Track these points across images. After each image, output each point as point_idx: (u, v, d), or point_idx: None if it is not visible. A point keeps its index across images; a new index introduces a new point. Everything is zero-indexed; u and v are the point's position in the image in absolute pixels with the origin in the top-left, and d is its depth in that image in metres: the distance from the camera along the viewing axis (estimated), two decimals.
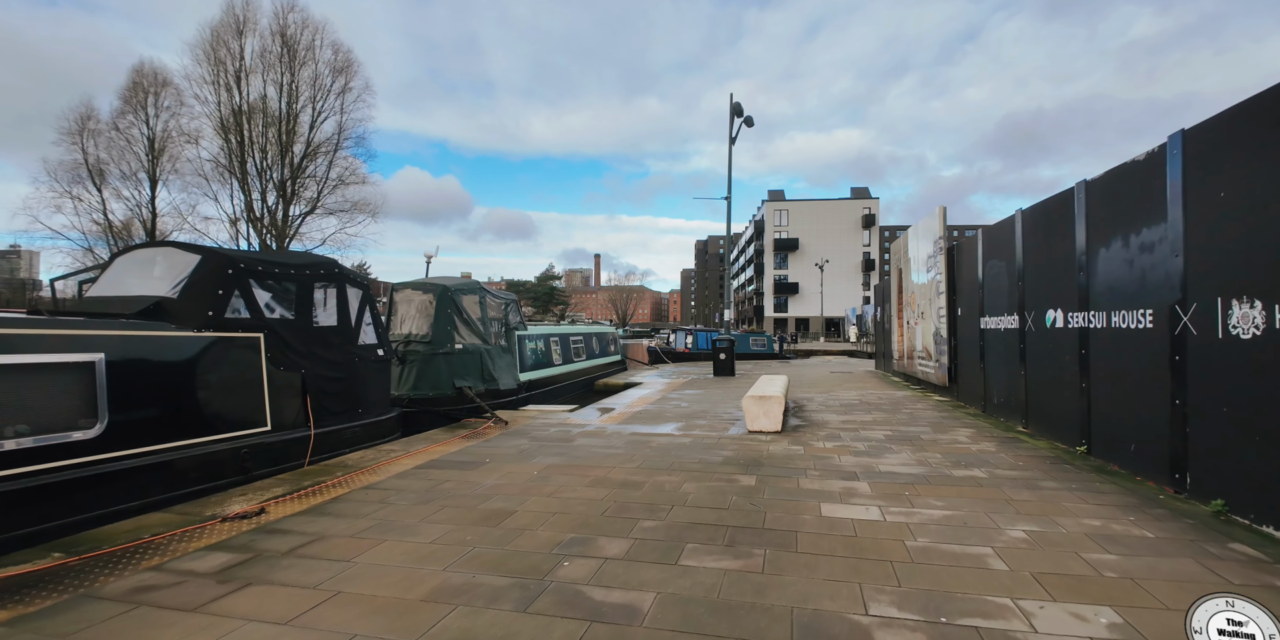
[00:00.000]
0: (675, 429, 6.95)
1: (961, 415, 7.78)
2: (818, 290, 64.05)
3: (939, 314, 9.54)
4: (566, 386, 12.62)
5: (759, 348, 24.58)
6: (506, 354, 9.85)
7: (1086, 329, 5.27)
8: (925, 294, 10.35)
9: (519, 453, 5.65)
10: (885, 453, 5.49)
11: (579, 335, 13.87)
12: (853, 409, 8.53)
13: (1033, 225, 6.32)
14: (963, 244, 8.81)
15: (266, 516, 3.93)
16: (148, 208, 33.76)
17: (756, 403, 6.65)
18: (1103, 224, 5.03)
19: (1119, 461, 4.85)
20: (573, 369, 13.04)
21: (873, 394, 10.42)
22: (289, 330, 5.58)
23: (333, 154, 34.62)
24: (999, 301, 7.27)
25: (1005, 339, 7.06)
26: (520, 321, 10.59)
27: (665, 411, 8.51)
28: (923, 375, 10.72)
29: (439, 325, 8.51)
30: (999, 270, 7.27)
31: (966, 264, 8.57)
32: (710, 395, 10.53)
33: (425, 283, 8.90)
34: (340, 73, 33.27)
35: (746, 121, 15.76)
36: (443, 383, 8.40)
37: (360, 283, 6.74)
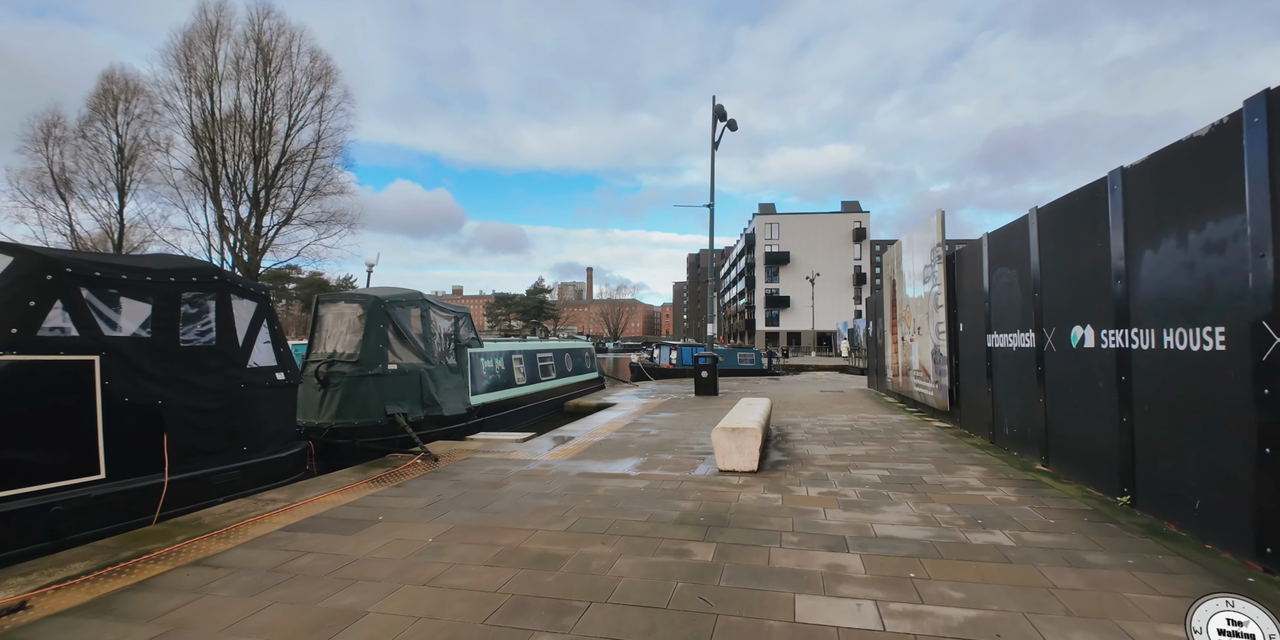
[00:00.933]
0: (633, 467, 5.86)
1: (967, 447, 6.73)
2: (809, 304, 63.31)
3: (938, 330, 8.54)
4: (532, 409, 11.50)
5: (747, 364, 23.53)
6: (455, 375, 8.74)
7: (1127, 350, 4.26)
8: (922, 308, 9.36)
9: (426, 506, 4.54)
10: (882, 503, 4.42)
11: (547, 352, 12.77)
12: (843, 438, 7.47)
13: (1051, 226, 5.34)
14: (965, 251, 7.84)
15: (25, 615, 2.81)
16: (116, 218, 32.60)
17: (729, 436, 5.58)
18: (1148, 220, 4.04)
19: (1177, 519, 3.81)
20: (539, 389, 11.93)
21: (865, 418, 9.37)
22: (141, 351, 4.48)
23: (310, 163, 33.65)
24: (1009, 316, 6.27)
25: (1018, 360, 6.05)
26: (473, 338, 9.50)
27: (630, 441, 7.42)
28: (920, 397, 9.70)
29: (369, 343, 7.42)
30: (1009, 280, 6.28)
31: (969, 274, 7.60)
32: (686, 420, 9.45)
33: (354, 294, 7.82)
34: (318, 80, 32.42)
35: (730, 125, 14.90)
36: (371, 409, 7.28)
37: (255, 292, 5.66)
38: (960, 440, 7.19)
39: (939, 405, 8.66)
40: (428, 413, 7.92)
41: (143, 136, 31.26)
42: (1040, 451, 5.64)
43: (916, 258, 9.54)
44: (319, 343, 7.61)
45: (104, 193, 32.34)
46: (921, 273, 9.25)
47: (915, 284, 9.70)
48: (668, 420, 9.44)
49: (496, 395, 9.97)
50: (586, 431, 8.29)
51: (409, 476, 5.59)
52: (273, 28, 30.84)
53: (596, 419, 9.64)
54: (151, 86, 30.14)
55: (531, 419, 11.22)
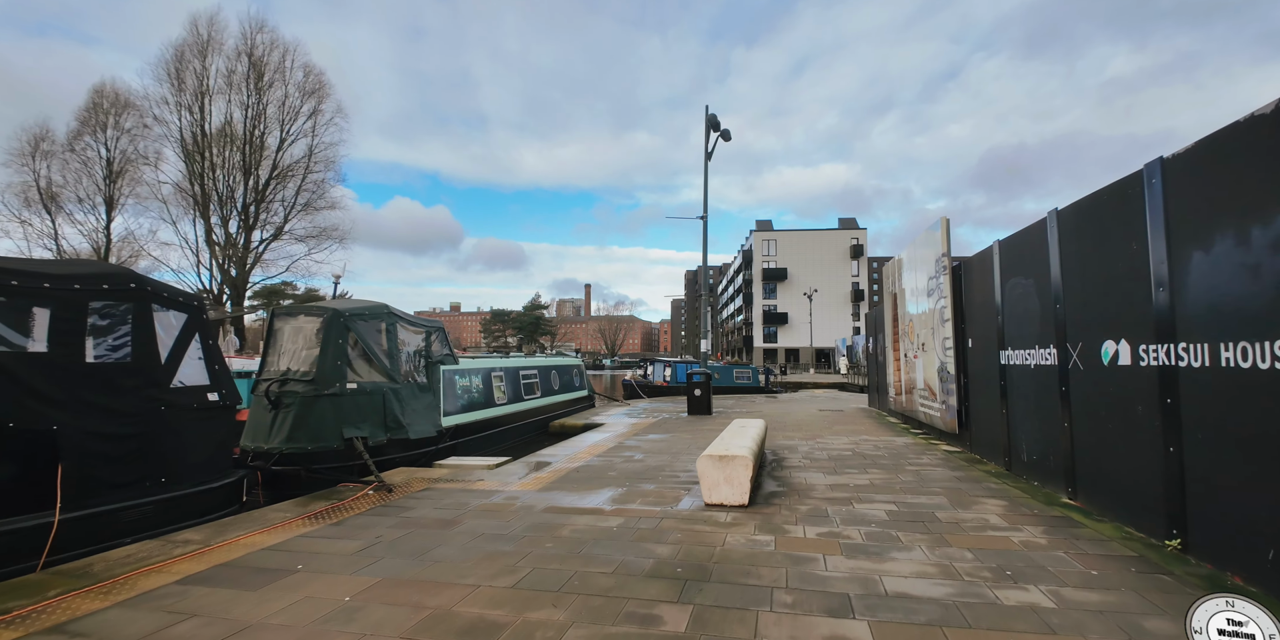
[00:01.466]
0: (609, 500, 5.21)
1: (981, 475, 6.09)
2: (807, 320, 62.83)
3: (944, 346, 7.96)
4: (514, 430, 10.83)
5: (743, 381, 22.87)
6: (424, 394, 8.10)
7: (1172, 368, 3.67)
8: (926, 323, 8.79)
9: (359, 551, 3.89)
10: (892, 548, 3.79)
11: (531, 369, 12.13)
12: (844, 464, 6.82)
13: (1074, 229, 4.79)
14: (973, 261, 7.30)
15: None
16: (103, 233, 32.13)
17: (716, 465, 4.95)
18: (1197, 216, 3.49)
19: (1243, 571, 3.18)
20: (522, 408, 11.27)
21: (868, 441, 8.72)
22: (33, 368, 3.87)
23: (302, 178, 33.35)
24: (1026, 330, 5.69)
25: (1038, 378, 5.45)
26: (447, 354, 8.89)
27: (611, 467, 6.77)
28: (925, 417, 9.07)
29: (326, 359, 6.80)
30: (1024, 291, 5.72)
31: (978, 285, 7.04)
32: (676, 442, 8.80)
33: (312, 306, 7.23)
34: (311, 94, 32.26)
35: (723, 136, 14.49)
36: (327, 432, 6.64)
37: (185, 303, 5.06)
38: (972, 467, 6.55)
39: (946, 427, 8.03)
40: (391, 436, 7.28)
41: (132, 151, 30.94)
42: (1066, 482, 5.01)
43: (919, 270, 9.00)
44: (273, 359, 7.00)
45: (91, 207, 31.93)
46: (925, 286, 8.69)
47: (918, 298, 9.15)
48: (655, 443, 8.79)
49: (473, 416, 9.31)
50: (566, 456, 7.63)
51: (354, 511, 4.94)
52: (265, 42, 30.78)
53: (579, 441, 8.98)
54: (141, 100, 29.92)
55: (512, 441, 10.55)
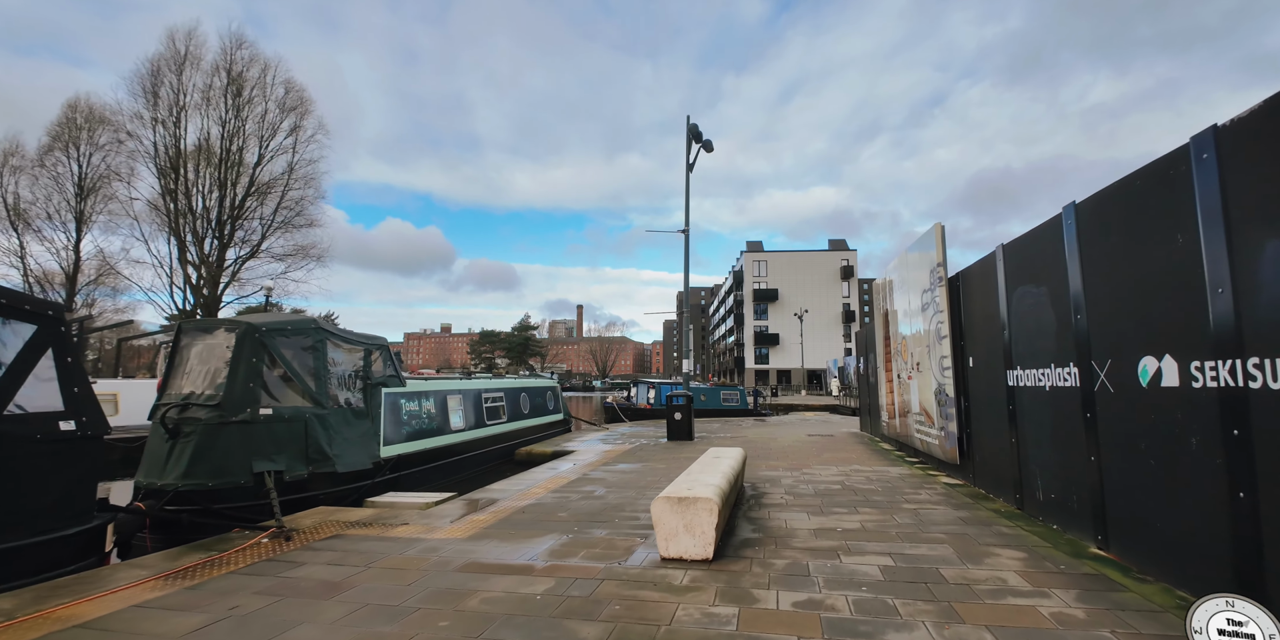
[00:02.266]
0: (547, 552, 4.30)
1: (990, 516, 5.23)
2: (798, 341, 62.17)
3: (941, 366, 7.17)
4: (474, 458, 9.88)
5: (731, 404, 21.96)
6: (359, 420, 7.19)
7: (1239, 390, 2.87)
8: (921, 340, 8.02)
9: (188, 634, 2.97)
10: (888, 627, 2.91)
11: (496, 391, 11.20)
12: (832, 501, 5.95)
13: (1099, 224, 4.04)
14: (973, 271, 6.56)
15: None
16: (72, 251, 31.13)
17: (675, 509, 4.07)
18: (1268, 196, 2.74)
19: None
20: (483, 435, 10.32)
21: (859, 472, 7.85)
22: None
23: (281, 195, 32.62)
24: (1038, 346, 4.91)
25: (1054, 402, 4.65)
26: (392, 375, 7.99)
27: (563, 506, 5.86)
28: (922, 445, 8.23)
29: (236, 380, 5.91)
30: (1035, 301, 4.95)
31: (979, 297, 6.29)
32: (647, 473, 7.89)
33: (223, 320, 6.37)
34: (291, 111, 31.75)
35: (705, 147, 13.91)
36: (233, 466, 5.71)
37: (30, 311, 4.19)
38: (979, 505, 5.69)
39: (946, 457, 7.19)
40: (315, 469, 6.34)
41: (103, 167, 30.18)
42: (1094, 528, 4.17)
43: (912, 282, 8.26)
44: (176, 381, 6.09)
45: (61, 224, 31.01)
46: (920, 299, 7.94)
47: (912, 312, 8.39)
48: (623, 475, 7.88)
49: (421, 444, 8.37)
50: (517, 492, 6.71)
51: (230, 568, 4.00)
52: (245, 58, 30.34)
53: (537, 474, 8.05)
54: (115, 115, 29.25)
55: (471, 471, 9.58)
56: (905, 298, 8.68)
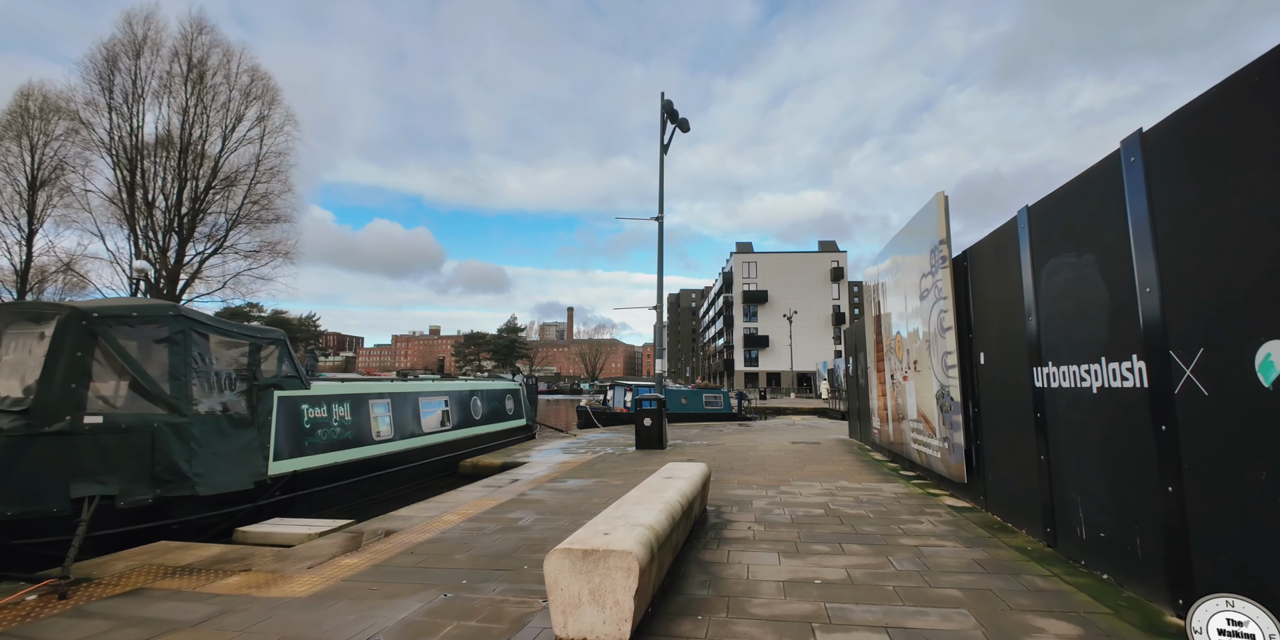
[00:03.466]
0: (401, 625, 3.04)
1: (1015, 558, 4.02)
2: (788, 343, 61.17)
3: (944, 364, 5.98)
4: (406, 472, 8.58)
5: (714, 407, 20.72)
6: (239, 430, 5.88)
7: None
8: (919, 334, 6.83)
9: None
10: None
11: (437, 395, 9.89)
12: (813, 534, 4.72)
13: (1185, 157, 2.84)
14: (983, 247, 5.38)
15: None
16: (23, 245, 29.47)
17: (578, 567, 2.81)
18: None
19: None
20: (418, 445, 9.02)
21: (847, 491, 6.63)
22: None
23: (248, 188, 31.12)
24: (1080, 334, 3.72)
25: (1105, 408, 3.45)
26: (291, 374, 6.70)
27: (469, 543, 4.60)
28: (920, 457, 7.03)
29: (52, 379, 4.61)
30: (1076, 275, 3.76)
31: (993, 278, 5.11)
32: (596, 492, 6.64)
33: (46, 303, 5.08)
34: (256, 99, 30.30)
35: (681, 126, 12.70)
36: (43, 490, 4.41)
37: None
38: (997, 540, 4.48)
39: (950, 473, 5.99)
40: (166, 493, 5.04)
41: (56, 158, 28.58)
42: (1171, 586, 2.95)
43: (909, 266, 7.08)
44: None
45: (14, 218, 29.34)
46: (918, 285, 6.76)
47: (908, 302, 7.20)
48: (568, 494, 6.62)
49: (330, 458, 7.07)
50: (427, 519, 5.44)
51: None
52: (206, 44, 28.87)
53: (467, 493, 6.77)
54: (64, 102, 27.67)
55: (399, 489, 8.28)
56: (900, 285, 7.50)
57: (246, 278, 31.58)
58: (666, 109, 12.44)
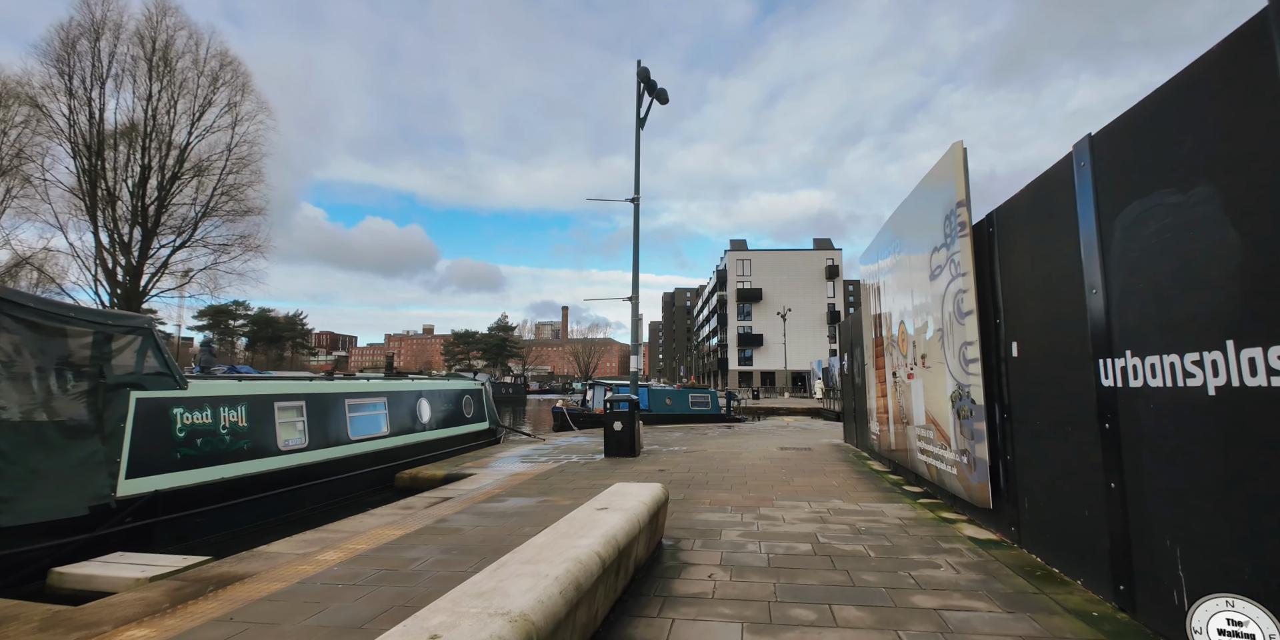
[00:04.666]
0: None
1: (1085, 633, 2.81)
2: (782, 342, 60.04)
3: (962, 358, 4.78)
4: (324, 487, 7.34)
5: (701, 408, 19.51)
6: (73, 441, 4.63)
7: None
8: (927, 323, 5.62)
9: None
10: None
11: (372, 396, 8.63)
12: (794, 585, 3.50)
13: None
14: (1017, 205, 4.18)
15: None
16: None
17: None
18: None
19: None
20: (341, 455, 7.76)
21: (841, 514, 5.43)
22: None
23: (218, 179, 29.73)
24: (1189, 308, 2.51)
25: (1234, 419, 2.24)
26: (159, 371, 5.44)
27: (324, 604, 3.37)
28: (930, 471, 5.83)
29: None
30: (1187, 218, 2.55)
31: (1032, 243, 3.91)
32: (532, 517, 5.43)
33: None
34: (225, 85, 28.94)
35: (659, 98, 11.49)
36: None
37: None
38: (1046, 596, 3.27)
39: (970, 495, 4.78)
40: None
41: (15, 146, 27.13)
42: None
43: (915, 239, 5.89)
44: None
45: None
46: (928, 262, 5.56)
47: (915, 282, 6.01)
48: (498, 520, 5.40)
49: (211, 473, 5.81)
50: (296, 556, 4.20)
51: None
52: (171, 26, 27.48)
53: (365, 521, 5.53)
54: (21, 86, 26.23)
55: (315, 507, 7.04)
56: (906, 264, 6.30)
57: (215, 272, 30.30)
58: (643, 78, 11.22)
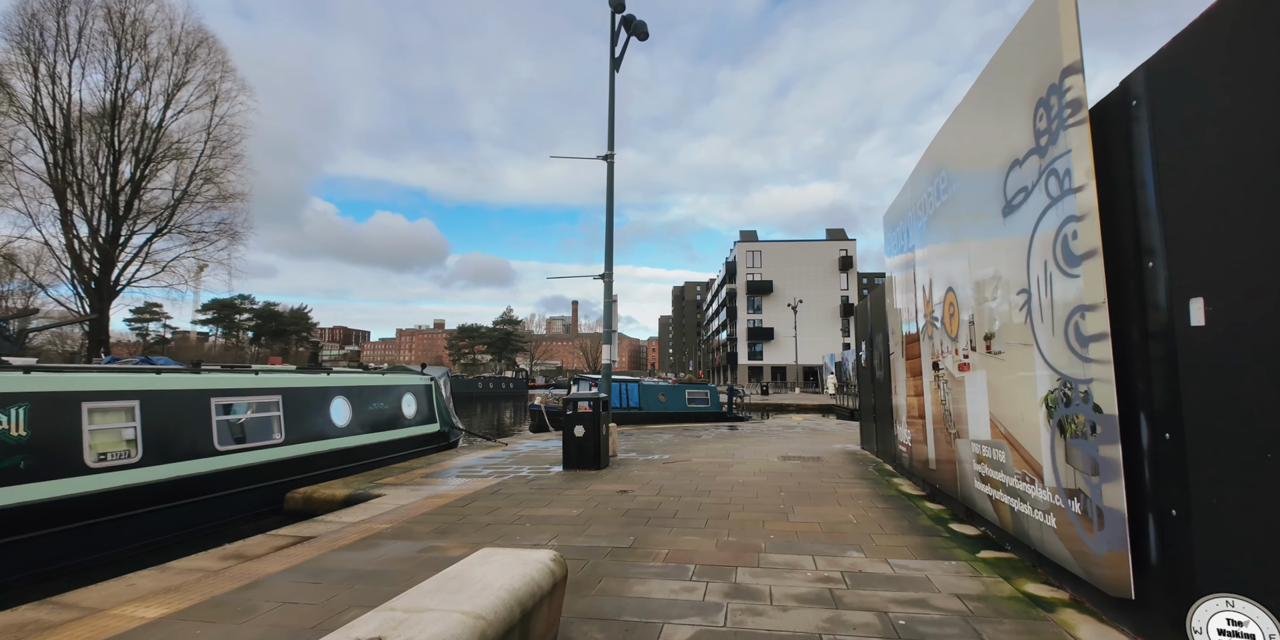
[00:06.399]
0: None
1: None
2: (794, 336, 57.81)
3: (1069, 334, 2.82)
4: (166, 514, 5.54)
5: (699, 405, 17.54)
6: None
7: None
8: (996, 285, 3.65)
9: None
10: None
11: (255, 394, 6.77)
12: None
13: None
14: (1202, 40, 2.18)
15: None
16: None
17: None
18: None
19: None
20: (201, 471, 5.93)
21: (864, 582, 3.49)
22: None
23: (196, 163, 28.19)
24: None
25: None
26: None
27: None
28: (997, 512, 3.87)
29: None
30: None
31: (1241, 111, 1.92)
32: (387, 585, 3.56)
33: None
34: (202, 63, 27.32)
35: (637, 32, 9.51)
36: None
37: None
38: None
39: (1089, 569, 2.82)
40: None
41: None
42: None
43: (983, 150, 3.92)
44: None
45: None
46: (1000, 187, 3.57)
47: (973, 226, 4.03)
48: (337, 589, 3.54)
49: None
50: None
51: None
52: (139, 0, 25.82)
53: (137, 582, 3.69)
54: None
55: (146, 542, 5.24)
56: (955, 202, 4.33)
57: (196, 261, 28.84)
58: (616, 7, 9.24)
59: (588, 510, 5.35)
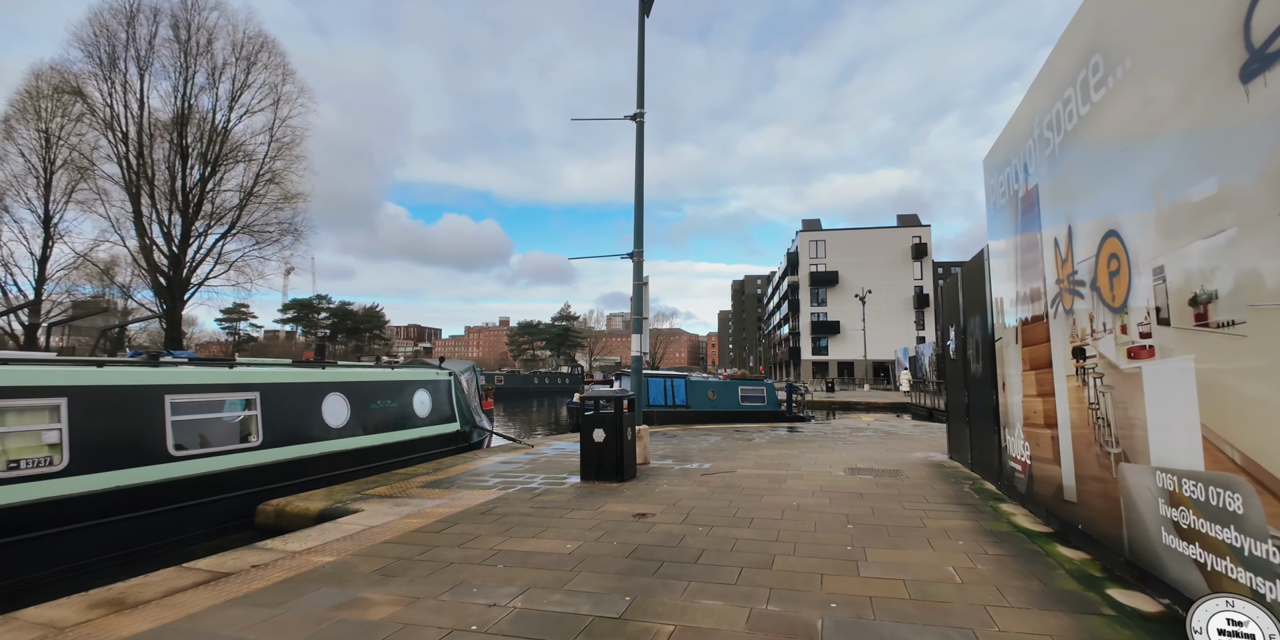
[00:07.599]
0: None
1: None
2: (861, 329, 54.56)
3: None
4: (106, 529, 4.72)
5: (754, 403, 15.94)
6: None
7: None
8: (1240, 200, 2.12)
9: None
10: None
11: (223, 390, 5.89)
12: None
13: None
14: None
15: None
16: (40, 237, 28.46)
17: None
18: None
19: None
20: (147, 480, 5.08)
21: None
22: None
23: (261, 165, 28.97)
24: None
25: None
26: None
27: None
28: (1225, 588, 2.36)
29: None
30: None
31: None
32: None
33: None
34: (264, 67, 27.97)
35: None
36: None
37: None
38: None
39: None
40: None
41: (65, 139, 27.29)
42: None
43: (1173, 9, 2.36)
44: None
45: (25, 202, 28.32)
46: (1241, 34, 2.03)
47: (1197, 104, 2.48)
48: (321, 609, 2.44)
49: None
50: None
51: None
52: (206, 4, 26.62)
53: None
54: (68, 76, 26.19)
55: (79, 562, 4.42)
56: (1130, 82, 2.78)
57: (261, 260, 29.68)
58: None
59: (586, 545, 4.11)
